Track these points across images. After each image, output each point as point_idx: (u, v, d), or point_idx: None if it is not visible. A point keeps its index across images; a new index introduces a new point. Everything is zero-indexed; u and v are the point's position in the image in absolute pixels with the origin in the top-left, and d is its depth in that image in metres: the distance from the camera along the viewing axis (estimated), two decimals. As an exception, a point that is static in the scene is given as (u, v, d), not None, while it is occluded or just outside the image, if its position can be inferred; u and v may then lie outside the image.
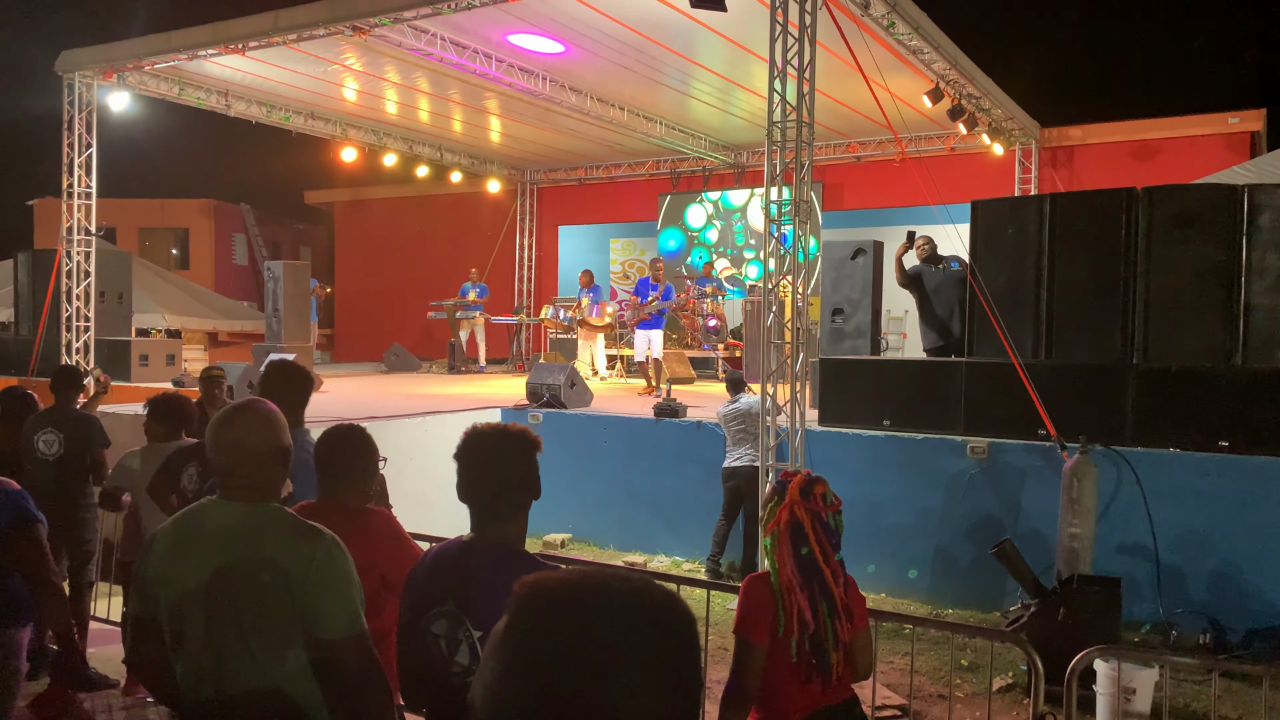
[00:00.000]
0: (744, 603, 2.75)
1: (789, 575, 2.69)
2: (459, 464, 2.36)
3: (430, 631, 2.24)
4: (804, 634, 2.67)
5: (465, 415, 9.55)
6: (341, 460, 3.08)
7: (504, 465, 2.33)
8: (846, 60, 8.75)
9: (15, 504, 3.05)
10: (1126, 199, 7.27)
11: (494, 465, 2.33)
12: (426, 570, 2.37)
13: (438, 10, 9.29)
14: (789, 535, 2.71)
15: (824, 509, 2.75)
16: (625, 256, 19.46)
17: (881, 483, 7.80)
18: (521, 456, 2.34)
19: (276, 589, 2.24)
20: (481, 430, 2.39)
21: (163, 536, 2.39)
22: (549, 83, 12.13)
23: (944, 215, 8.41)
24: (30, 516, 3.07)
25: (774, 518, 2.75)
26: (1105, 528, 6.64)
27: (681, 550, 8.61)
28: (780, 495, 2.77)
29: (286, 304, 12.40)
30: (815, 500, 2.75)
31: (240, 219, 26.83)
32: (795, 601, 2.67)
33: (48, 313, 12.35)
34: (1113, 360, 7.24)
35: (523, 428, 2.40)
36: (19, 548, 3.03)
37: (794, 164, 7.32)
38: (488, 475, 2.32)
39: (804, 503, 2.73)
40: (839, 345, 8.95)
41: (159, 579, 2.33)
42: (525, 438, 2.37)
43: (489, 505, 2.32)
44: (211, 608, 2.26)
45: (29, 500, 3.09)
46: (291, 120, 14.06)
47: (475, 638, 2.18)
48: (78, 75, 11.87)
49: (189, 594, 2.27)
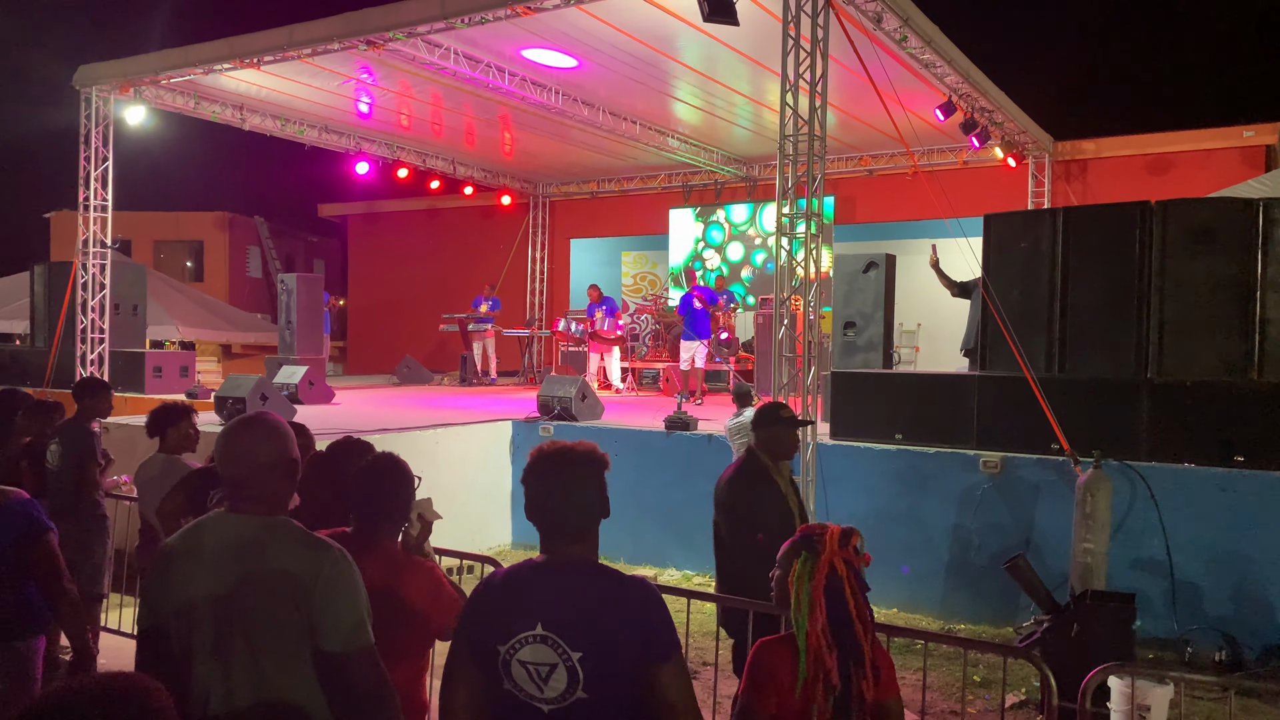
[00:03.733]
0: (754, 672, 2.50)
1: (818, 635, 2.45)
2: (527, 484, 2.31)
3: (517, 660, 2.16)
4: (829, 696, 2.45)
5: (477, 428, 9.57)
6: (381, 496, 3.02)
7: (574, 485, 2.28)
8: (859, 74, 8.76)
9: (25, 513, 3.05)
10: (1141, 212, 7.24)
11: (564, 485, 2.27)
12: (499, 598, 2.26)
13: (451, 25, 9.35)
14: (825, 591, 2.47)
15: (859, 560, 2.54)
16: (637, 269, 19.48)
17: (894, 497, 7.76)
18: (591, 475, 2.30)
19: (284, 602, 2.24)
20: (550, 450, 2.33)
21: (172, 549, 2.39)
22: (562, 97, 12.18)
23: (956, 229, 8.39)
24: (40, 525, 3.07)
25: (813, 575, 2.48)
26: (1119, 543, 6.59)
27: (692, 564, 8.58)
28: (811, 550, 2.51)
29: (300, 316, 12.46)
30: (851, 551, 2.52)
31: (255, 232, 26.99)
32: (823, 663, 2.44)
33: (63, 325, 12.44)
34: (1127, 374, 7.20)
35: (590, 445, 2.35)
36: (32, 557, 3.03)
37: (806, 177, 7.32)
38: (558, 495, 2.27)
39: (843, 553, 2.50)
40: (851, 359, 8.92)
41: (168, 591, 2.33)
42: (594, 456, 2.33)
43: (560, 525, 2.27)
44: (220, 621, 2.26)
45: (39, 509, 3.10)
46: (306, 134, 14.15)
47: (575, 658, 2.12)
48: (95, 90, 11.99)
49: (198, 607, 2.27)
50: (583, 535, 2.28)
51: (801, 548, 2.54)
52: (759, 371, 12.48)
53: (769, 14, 8.59)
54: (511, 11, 8.87)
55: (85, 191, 12.08)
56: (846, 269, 9.20)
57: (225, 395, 9.48)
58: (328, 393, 12.01)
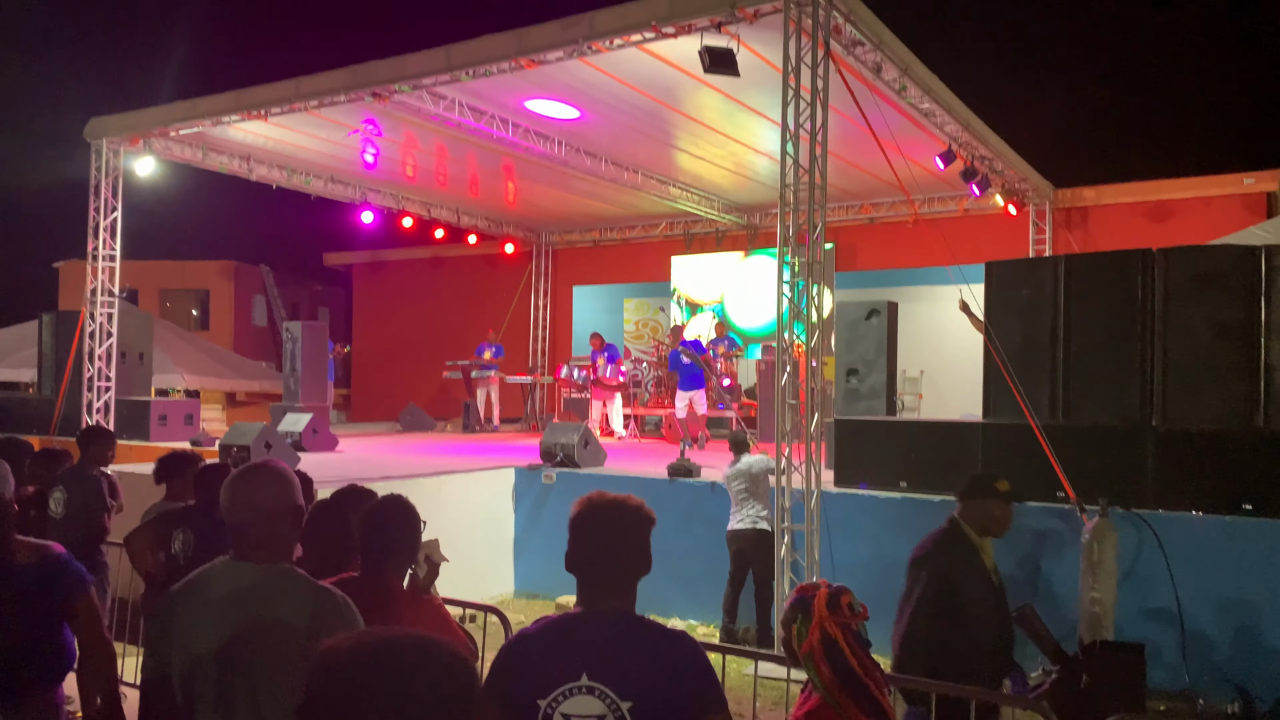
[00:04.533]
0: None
1: (838, 691, 2.51)
2: (574, 533, 2.29)
3: (560, 713, 2.11)
4: None
5: (479, 475, 9.54)
6: (388, 537, 3.03)
7: (622, 539, 2.28)
8: (859, 123, 8.87)
9: (68, 569, 3.04)
10: (1142, 260, 7.27)
11: (612, 539, 2.27)
12: (537, 650, 2.22)
13: (456, 77, 9.50)
14: (824, 654, 2.53)
15: (853, 619, 2.58)
16: (639, 316, 19.56)
17: (899, 545, 7.64)
18: (639, 531, 2.30)
19: (287, 650, 2.23)
20: (600, 501, 2.33)
21: (176, 597, 2.39)
22: (565, 147, 12.33)
23: (958, 276, 8.43)
24: (84, 580, 3.07)
25: (805, 639, 2.55)
26: (1127, 592, 6.52)
27: (696, 614, 8.49)
28: (805, 613, 2.57)
29: (304, 364, 12.50)
30: (843, 612, 2.57)
31: (260, 280, 27.19)
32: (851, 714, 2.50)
33: (70, 373, 12.48)
34: (1131, 422, 7.17)
35: (640, 501, 2.35)
36: (75, 611, 3.02)
37: (807, 225, 7.38)
38: (605, 548, 2.26)
39: (833, 617, 2.55)
40: (854, 405, 8.92)
41: (172, 640, 2.33)
42: (643, 512, 2.33)
43: (603, 578, 2.27)
44: (223, 669, 2.25)
45: (76, 561, 3.09)
46: (312, 184, 14.31)
47: (625, 709, 2.09)
48: (105, 142, 12.15)
49: (202, 655, 2.27)
50: (624, 589, 2.28)
51: (798, 610, 2.59)
52: (761, 418, 12.48)
53: (769, 65, 8.72)
54: (515, 64, 9.02)
55: (94, 241, 12.19)
56: (849, 316, 9.23)
57: (230, 443, 9.48)
58: (331, 440, 12.00)
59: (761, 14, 7.74)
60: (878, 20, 8.45)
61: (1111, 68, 28.90)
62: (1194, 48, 28.01)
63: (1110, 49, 29.48)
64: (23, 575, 2.96)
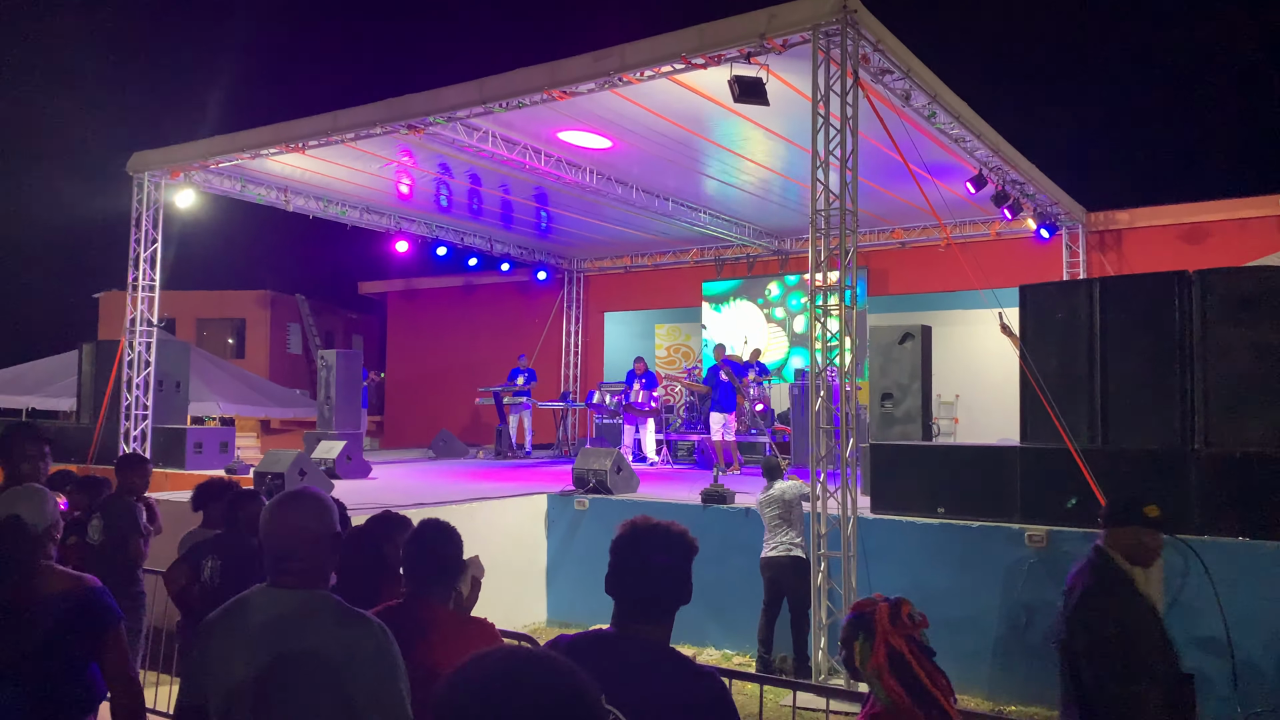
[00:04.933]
0: None
1: (907, 705, 2.48)
2: (615, 555, 2.27)
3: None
4: None
5: (512, 502, 9.55)
6: (431, 560, 3.05)
7: (663, 567, 2.24)
8: (889, 149, 8.86)
9: (100, 602, 3.05)
10: (1179, 282, 7.18)
11: (654, 565, 2.24)
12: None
13: (489, 109, 9.61)
14: (890, 669, 2.50)
15: (915, 629, 2.56)
16: (670, 342, 19.57)
17: (937, 572, 7.60)
18: (682, 560, 2.27)
19: (324, 679, 2.23)
20: (644, 525, 2.29)
21: (213, 625, 2.40)
22: (596, 176, 12.42)
23: (991, 299, 8.36)
24: (114, 615, 3.08)
25: (870, 657, 2.52)
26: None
27: (731, 642, 8.41)
28: (866, 630, 2.54)
29: (339, 392, 12.61)
30: (905, 623, 2.55)
31: (296, 309, 27.52)
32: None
33: (108, 401, 12.68)
34: (1173, 446, 7.05)
35: (684, 528, 2.31)
36: (102, 645, 3.03)
37: (839, 250, 7.36)
38: (646, 574, 2.23)
39: (896, 630, 2.53)
40: (889, 430, 8.84)
41: (209, 668, 2.33)
42: (686, 540, 2.30)
43: (641, 605, 2.24)
44: (260, 698, 2.25)
45: (109, 596, 3.10)
46: (348, 214, 14.52)
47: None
48: (147, 175, 12.42)
49: (238, 684, 2.27)
50: (660, 617, 2.25)
51: (859, 628, 2.55)
52: (795, 443, 12.39)
53: (798, 93, 8.75)
54: (547, 96, 9.12)
55: (134, 272, 12.43)
56: (882, 340, 9.17)
57: (264, 470, 9.58)
58: (365, 467, 12.08)
59: (790, 44, 7.79)
60: (905, 49, 8.45)
61: (1144, 89, 28.70)
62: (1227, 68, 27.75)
63: (1142, 70, 29.29)
64: (51, 605, 2.96)
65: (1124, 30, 30.33)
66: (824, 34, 7.49)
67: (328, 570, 2.47)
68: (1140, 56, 29.79)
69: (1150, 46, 29.88)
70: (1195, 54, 28.66)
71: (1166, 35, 29.29)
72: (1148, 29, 29.82)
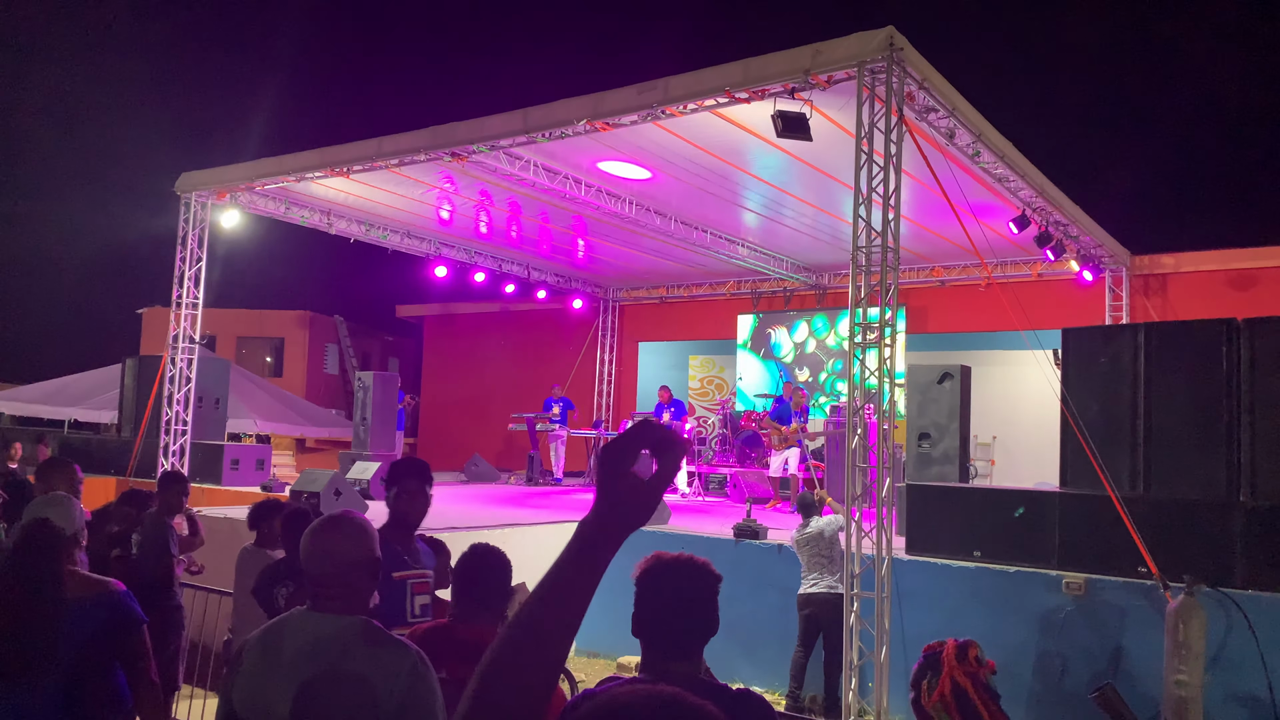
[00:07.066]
0: None
1: None
2: (640, 593, 2.24)
3: None
4: None
5: (544, 529, 9.54)
6: (481, 584, 3.07)
7: (687, 600, 2.22)
8: (931, 187, 8.82)
9: (122, 605, 3.11)
10: (1227, 330, 7.07)
11: (681, 600, 2.22)
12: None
13: (533, 139, 9.72)
14: (954, 703, 2.54)
15: (981, 670, 2.60)
16: (704, 373, 19.55)
17: (971, 616, 7.47)
18: (708, 591, 2.26)
19: (361, 705, 2.23)
20: (667, 561, 2.28)
21: (252, 647, 2.42)
22: (635, 206, 12.48)
23: (1033, 341, 8.27)
24: (136, 618, 3.13)
25: (936, 689, 2.56)
26: (1216, 675, 6.22)
27: (760, 680, 8.31)
28: (934, 667, 2.59)
29: (375, 414, 12.72)
30: (971, 663, 2.59)
31: (334, 330, 27.85)
32: None
33: (149, 416, 12.87)
34: (1218, 496, 6.91)
35: (704, 560, 2.30)
36: (123, 648, 3.08)
37: (880, 287, 7.33)
38: (670, 610, 2.21)
39: (961, 667, 2.57)
40: (926, 470, 8.75)
41: (246, 689, 2.34)
42: (709, 571, 2.29)
43: (669, 641, 2.21)
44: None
45: (133, 600, 3.16)
46: (389, 238, 14.70)
47: None
48: (194, 195, 12.68)
49: (274, 707, 2.28)
50: (691, 653, 2.23)
51: (927, 668, 2.59)
52: (829, 480, 12.28)
53: (842, 130, 8.75)
54: (590, 127, 9.20)
55: (179, 289, 12.66)
56: (920, 379, 9.10)
57: (300, 490, 9.65)
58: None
59: (835, 80, 7.80)
60: (951, 87, 8.44)
61: (1191, 132, 28.42)
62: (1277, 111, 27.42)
63: (1190, 113, 29.04)
64: (77, 609, 3.00)
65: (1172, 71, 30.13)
66: (869, 71, 7.50)
67: (367, 595, 2.48)
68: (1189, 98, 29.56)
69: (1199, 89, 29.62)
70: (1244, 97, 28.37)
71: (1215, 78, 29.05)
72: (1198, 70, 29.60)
